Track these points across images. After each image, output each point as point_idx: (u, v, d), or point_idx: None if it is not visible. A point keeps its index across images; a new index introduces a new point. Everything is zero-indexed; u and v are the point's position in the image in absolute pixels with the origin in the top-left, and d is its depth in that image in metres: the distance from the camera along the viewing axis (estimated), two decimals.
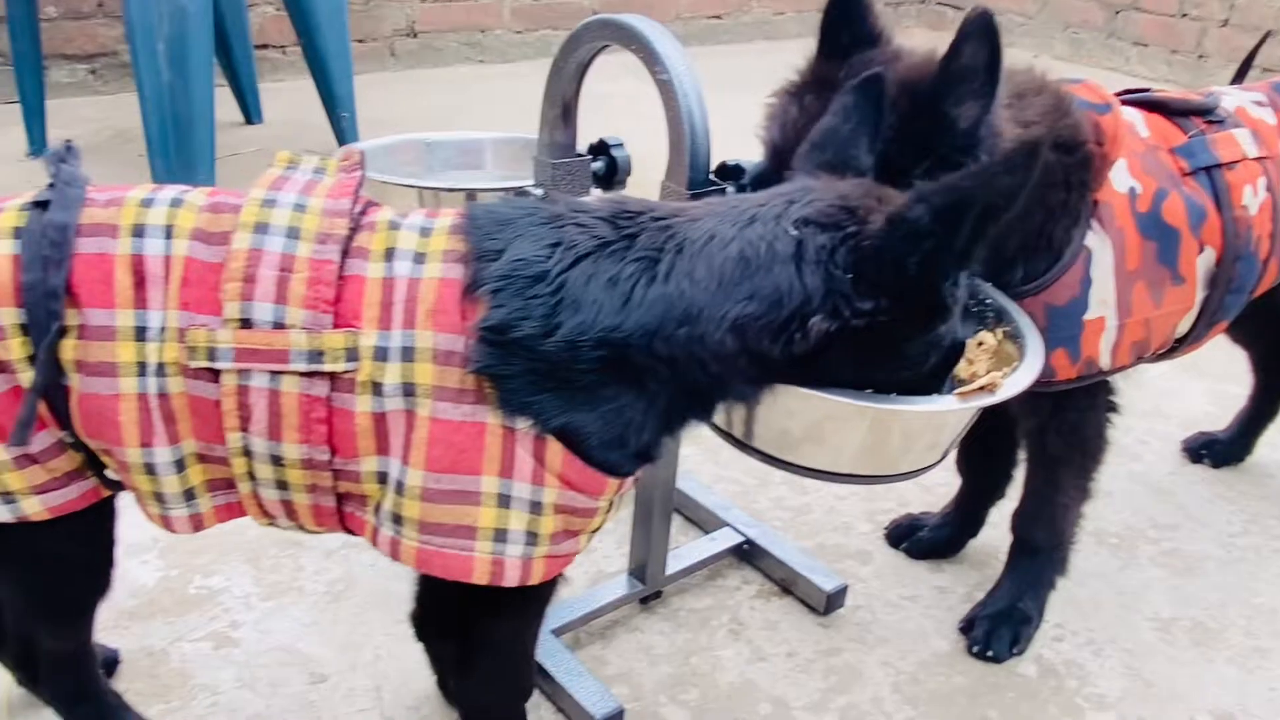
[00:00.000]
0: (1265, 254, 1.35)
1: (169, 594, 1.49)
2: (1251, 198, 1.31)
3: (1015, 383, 1.05)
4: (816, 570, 1.54)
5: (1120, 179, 1.22)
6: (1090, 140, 1.18)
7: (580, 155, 1.44)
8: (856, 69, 1.12)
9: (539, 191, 1.42)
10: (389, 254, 0.89)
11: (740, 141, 1.22)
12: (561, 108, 1.39)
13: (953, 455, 1.28)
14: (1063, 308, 1.20)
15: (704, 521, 1.69)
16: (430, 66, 4.47)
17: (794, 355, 0.88)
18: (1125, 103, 1.33)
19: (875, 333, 0.89)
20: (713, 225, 0.90)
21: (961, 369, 1.11)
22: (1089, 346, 1.22)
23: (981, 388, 1.03)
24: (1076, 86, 1.23)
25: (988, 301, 1.19)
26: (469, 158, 1.75)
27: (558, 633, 1.41)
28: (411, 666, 1.36)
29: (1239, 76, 1.57)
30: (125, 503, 1.01)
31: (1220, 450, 1.94)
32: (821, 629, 1.50)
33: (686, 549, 1.57)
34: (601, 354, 0.86)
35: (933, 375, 0.98)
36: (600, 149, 1.48)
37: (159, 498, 0.90)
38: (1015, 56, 1.10)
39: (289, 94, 3.92)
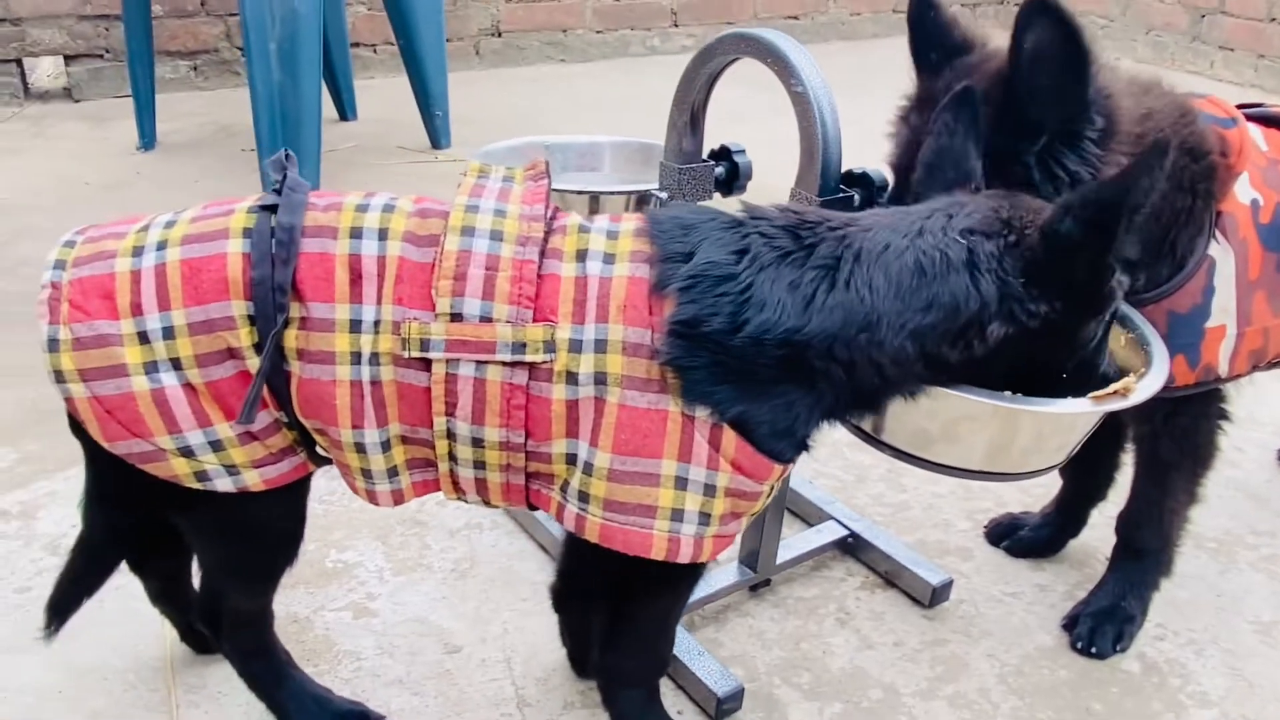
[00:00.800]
0: None
1: (309, 567, 1.59)
2: None
3: (1147, 387, 1.09)
4: (921, 564, 1.59)
5: (1243, 191, 1.25)
6: (1215, 151, 1.22)
7: (705, 161, 1.51)
8: (952, 79, 1.18)
9: (664, 195, 1.50)
10: (580, 255, 0.97)
11: None
12: (690, 115, 1.46)
13: None
14: (1185, 315, 1.24)
15: (807, 514, 1.75)
16: (513, 65, 4.57)
17: (971, 358, 0.95)
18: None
19: (1049, 328, 0.96)
20: (886, 236, 0.96)
21: None
22: (1209, 353, 1.26)
23: (1114, 391, 1.08)
24: (1201, 101, 1.27)
25: None
26: (587, 160, 1.81)
27: None
28: (538, 641, 1.45)
29: None
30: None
31: None
32: (926, 621, 1.55)
33: (793, 540, 1.63)
34: (783, 352, 0.93)
35: (1097, 348, 1.05)
36: (722, 154, 1.54)
37: (366, 474, 0.99)
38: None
39: (380, 91, 4.04)
